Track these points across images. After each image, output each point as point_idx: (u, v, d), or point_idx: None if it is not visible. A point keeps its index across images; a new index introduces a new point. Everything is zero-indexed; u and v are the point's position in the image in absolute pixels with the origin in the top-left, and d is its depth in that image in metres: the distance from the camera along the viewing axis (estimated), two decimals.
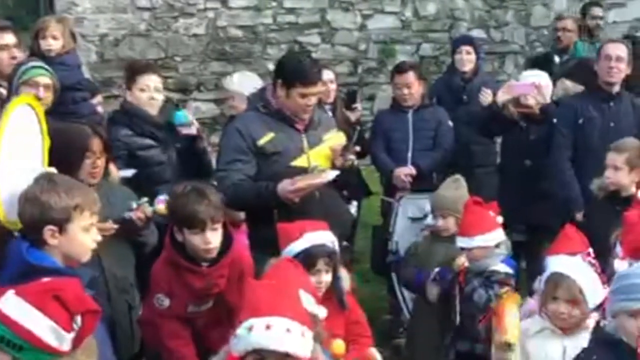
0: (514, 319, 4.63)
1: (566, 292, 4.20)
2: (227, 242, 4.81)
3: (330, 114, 6.95)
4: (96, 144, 5.04)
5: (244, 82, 7.22)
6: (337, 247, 4.72)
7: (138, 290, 5.21)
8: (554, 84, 7.45)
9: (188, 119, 6.27)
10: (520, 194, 6.99)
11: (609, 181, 5.97)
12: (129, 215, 5.02)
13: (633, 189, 5.90)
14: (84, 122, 5.45)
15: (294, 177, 5.29)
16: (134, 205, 5.05)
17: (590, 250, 4.69)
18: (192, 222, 4.66)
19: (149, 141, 6.10)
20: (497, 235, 5.36)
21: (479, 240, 5.31)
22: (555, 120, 7.01)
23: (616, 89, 6.93)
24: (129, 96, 6.27)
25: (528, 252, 7.10)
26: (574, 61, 8.86)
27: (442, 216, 5.95)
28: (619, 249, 4.66)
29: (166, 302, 4.80)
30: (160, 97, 6.27)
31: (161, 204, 5.12)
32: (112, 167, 5.39)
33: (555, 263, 4.33)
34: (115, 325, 4.95)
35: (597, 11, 10.25)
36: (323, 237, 4.64)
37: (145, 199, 5.14)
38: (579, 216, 6.43)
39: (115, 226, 4.90)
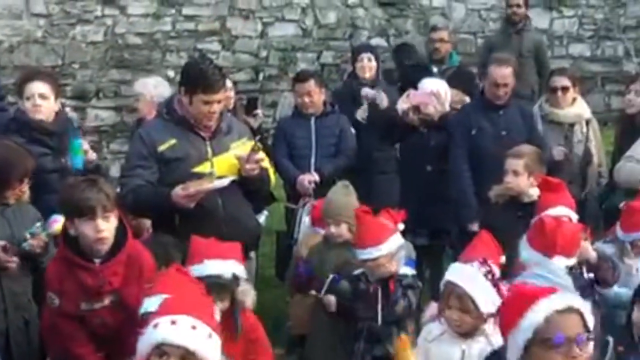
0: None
1: (457, 301, 4.25)
2: (123, 238, 4.72)
3: None
4: (32, 167, 5.05)
5: (158, 88, 7.16)
6: (241, 271, 4.73)
7: (37, 305, 5.14)
8: None
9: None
10: (422, 198, 7.09)
11: (510, 186, 6.08)
12: (26, 245, 5.02)
13: (532, 195, 6.02)
14: None
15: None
16: (28, 235, 5.04)
17: (502, 257, 4.83)
18: (82, 209, 4.56)
19: (40, 149, 5.97)
20: (396, 241, 5.37)
21: (379, 250, 5.32)
22: (450, 131, 7.13)
23: (505, 99, 7.09)
24: (21, 104, 6.17)
25: (430, 255, 7.21)
26: (452, 70, 9.07)
27: (334, 223, 5.89)
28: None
29: (56, 300, 4.69)
30: (46, 104, 6.11)
31: (55, 224, 5.07)
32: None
33: (451, 271, 4.39)
34: (10, 340, 4.95)
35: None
36: (221, 267, 4.65)
37: (38, 224, 5.13)
38: (474, 227, 6.51)
39: (16, 260, 4.95)
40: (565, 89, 7.24)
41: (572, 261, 4.87)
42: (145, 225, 5.85)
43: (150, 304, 3.88)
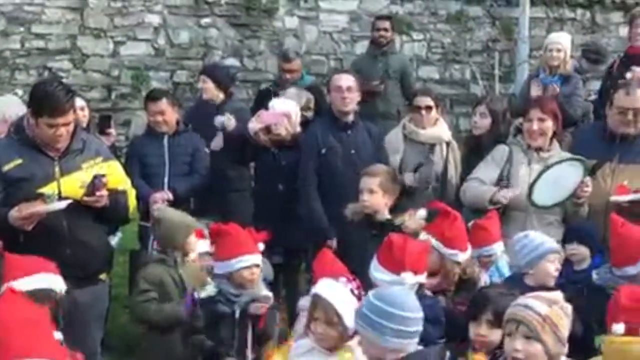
0: None
1: (323, 314, 4.31)
2: None
3: None
4: None
5: (12, 106, 6.98)
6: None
7: None
8: None
9: None
10: (275, 217, 7.12)
11: (366, 204, 6.14)
12: None
13: (386, 213, 6.14)
14: None
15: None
16: None
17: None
18: None
19: None
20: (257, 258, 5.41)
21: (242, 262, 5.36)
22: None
23: (351, 117, 7.20)
24: None
25: (286, 273, 7.26)
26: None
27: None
28: None
29: None
30: None
31: None
32: None
33: (319, 285, 4.44)
34: None
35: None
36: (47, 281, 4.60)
37: None
38: (332, 243, 6.60)
39: None
40: (428, 109, 7.37)
41: (422, 278, 4.95)
42: None
43: None
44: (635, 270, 5.30)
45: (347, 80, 7.21)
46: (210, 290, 5.37)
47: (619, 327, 4.30)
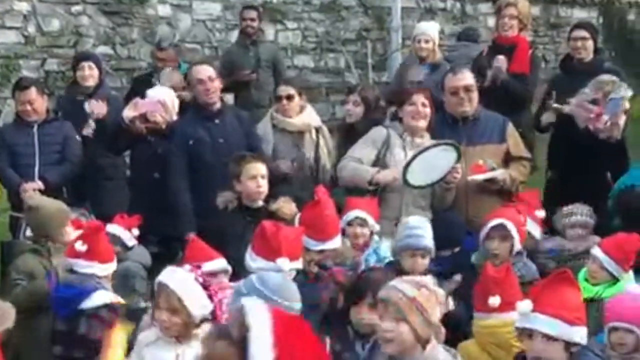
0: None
1: (165, 301, 4.27)
2: None
3: None
4: None
5: None
6: None
7: None
8: None
9: None
10: (151, 206, 7.04)
11: (262, 190, 6.19)
12: None
13: (261, 201, 6.18)
14: None
15: None
16: None
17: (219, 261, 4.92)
18: None
19: None
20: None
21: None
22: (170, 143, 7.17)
23: (217, 106, 7.20)
24: None
25: (162, 263, 7.18)
26: None
27: None
28: None
29: None
30: None
31: None
32: None
33: (162, 273, 4.41)
34: None
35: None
36: None
37: None
38: (190, 236, 6.58)
39: None
40: (290, 98, 7.44)
41: (298, 264, 5.00)
42: None
43: None
44: None
45: (206, 71, 7.20)
46: None
47: (495, 300, 4.46)
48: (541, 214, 6.26)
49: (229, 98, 9.49)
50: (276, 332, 2.64)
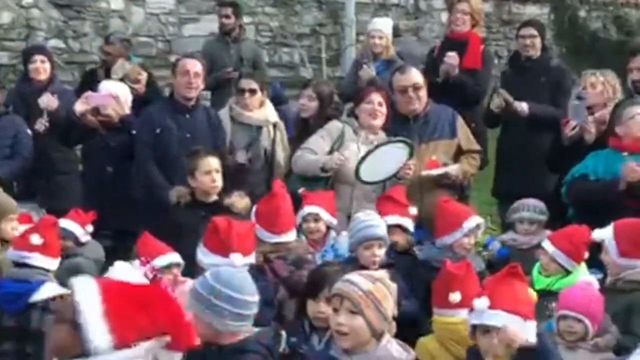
0: None
1: None
2: None
3: None
4: None
5: None
6: None
7: None
8: None
9: None
10: (105, 199, 7.02)
11: (217, 184, 6.23)
12: None
13: (215, 195, 6.21)
14: None
15: None
16: None
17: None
18: None
19: None
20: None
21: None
22: (134, 132, 7.13)
23: (192, 102, 7.18)
24: None
25: (116, 257, 7.15)
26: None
27: None
28: None
29: None
30: None
31: None
32: None
33: (110, 269, 4.39)
34: None
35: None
36: None
37: None
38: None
39: None
40: (252, 92, 7.41)
41: (251, 259, 4.99)
42: None
43: None
44: (452, 239, 5.65)
45: (194, 65, 7.17)
46: None
47: (455, 296, 4.50)
48: (413, 210, 6.24)
49: (206, 95, 9.39)
50: (106, 302, 2.66)
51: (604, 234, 5.20)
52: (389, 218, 5.87)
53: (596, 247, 5.28)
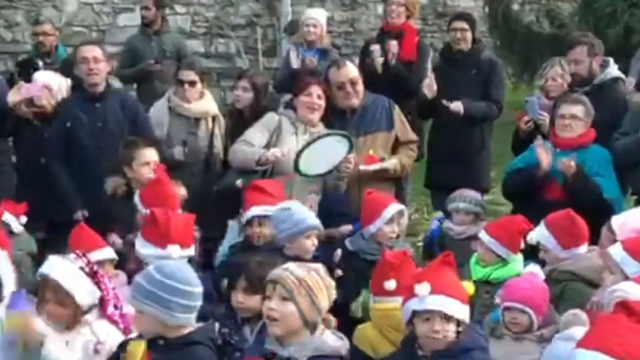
0: None
1: (53, 295, 4.22)
2: None
3: None
4: None
5: None
6: None
7: None
8: None
9: None
10: (38, 191, 6.95)
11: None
12: None
13: None
14: None
15: None
16: None
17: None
18: None
19: None
20: None
21: None
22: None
23: (100, 89, 7.05)
24: None
25: (51, 249, 7.09)
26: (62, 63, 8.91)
27: None
28: None
29: None
30: None
31: None
32: None
33: (45, 265, 4.33)
34: None
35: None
36: None
37: None
38: (79, 215, 6.55)
39: None
40: (192, 83, 7.37)
41: (190, 251, 4.99)
42: None
43: None
44: (375, 227, 5.71)
45: (92, 51, 7.07)
46: None
47: (390, 284, 4.58)
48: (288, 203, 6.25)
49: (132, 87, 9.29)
50: None
51: (537, 235, 5.32)
52: (256, 209, 5.77)
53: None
